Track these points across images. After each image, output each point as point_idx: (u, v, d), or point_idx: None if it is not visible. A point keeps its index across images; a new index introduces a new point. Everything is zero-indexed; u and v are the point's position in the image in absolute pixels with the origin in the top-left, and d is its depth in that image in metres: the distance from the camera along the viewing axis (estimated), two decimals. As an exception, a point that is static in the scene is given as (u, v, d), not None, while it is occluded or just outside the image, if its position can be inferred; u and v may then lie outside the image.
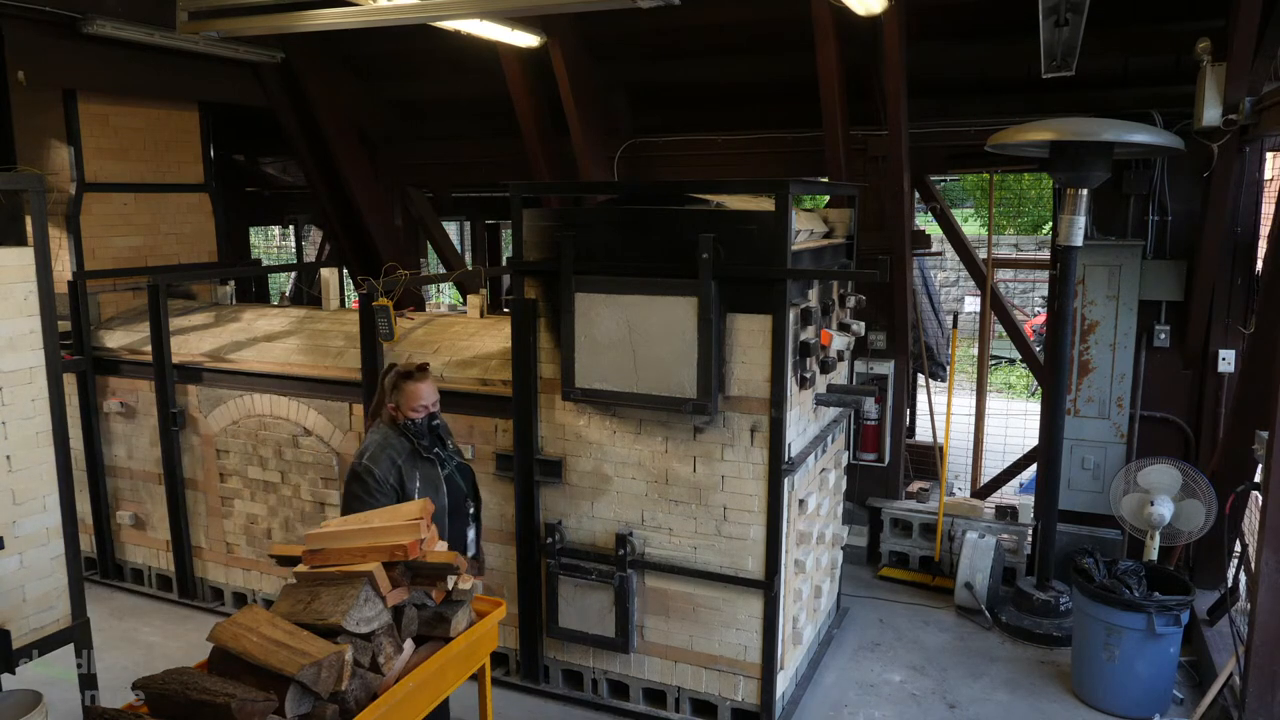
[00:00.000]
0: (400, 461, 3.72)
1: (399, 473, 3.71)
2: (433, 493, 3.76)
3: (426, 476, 3.78)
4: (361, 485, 3.67)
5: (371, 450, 3.72)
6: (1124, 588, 4.78)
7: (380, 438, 3.77)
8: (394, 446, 3.74)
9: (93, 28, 5.79)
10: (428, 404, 3.78)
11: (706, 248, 4.18)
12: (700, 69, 6.78)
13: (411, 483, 3.73)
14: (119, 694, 3.82)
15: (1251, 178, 5.59)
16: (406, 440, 3.76)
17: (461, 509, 3.90)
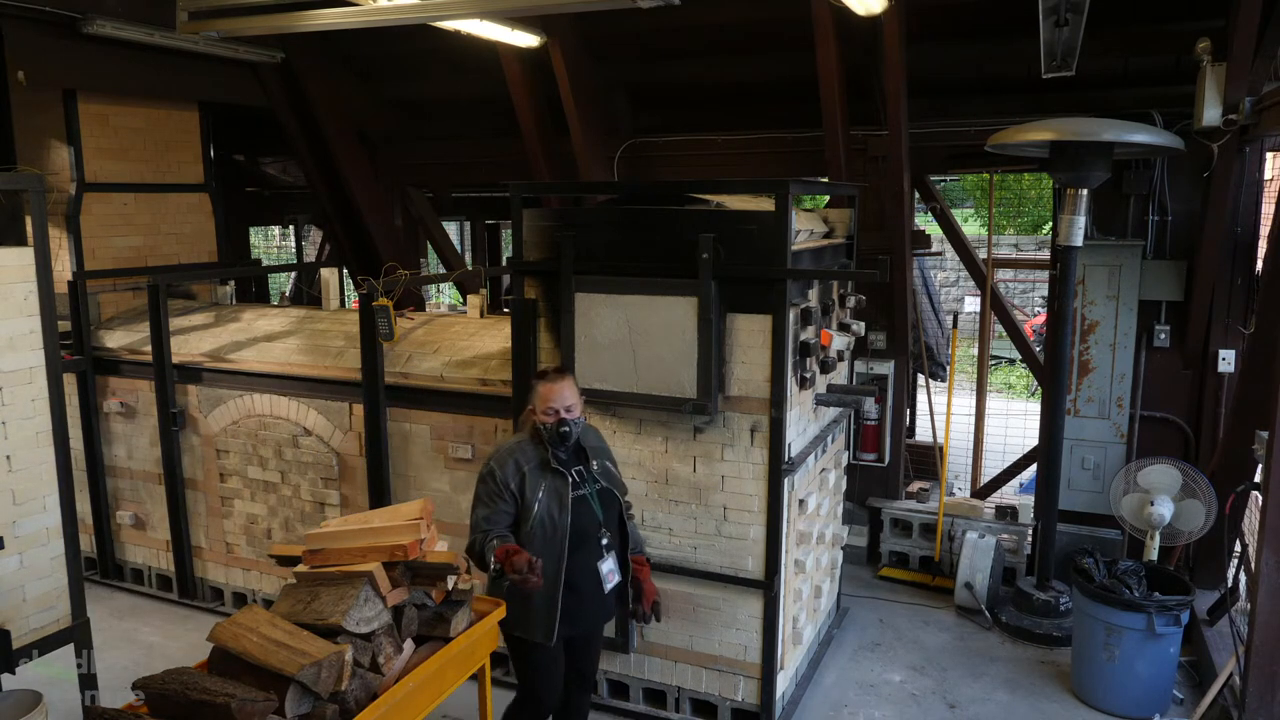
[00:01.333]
0: (526, 468, 3.56)
1: (521, 479, 3.55)
2: (556, 509, 3.56)
3: (554, 490, 3.57)
4: (483, 485, 3.58)
5: (501, 453, 3.62)
6: (1124, 588, 4.78)
7: (514, 442, 3.66)
8: (524, 452, 3.59)
9: (93, 28, 5.78)
10: (558, 407, 3.56)
11: (706, 248, 4.18)
12: (700, 69, 6.78)
13: (534, 494, 3.54)
14: (119, 694, 3.82)
15: (1251, 178, 5.59)
16: (542, 449, 3.60)
17: (591, 537, 3.63)
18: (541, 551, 3.48)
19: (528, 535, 3.54)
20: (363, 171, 8.09)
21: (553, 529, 3.55)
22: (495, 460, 3.60)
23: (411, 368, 5.25)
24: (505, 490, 3.54)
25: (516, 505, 3.56)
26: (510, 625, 3.66)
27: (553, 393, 3.58)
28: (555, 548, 3.55)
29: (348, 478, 5.49)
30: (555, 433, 3.57)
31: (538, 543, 3.52)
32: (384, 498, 5.29)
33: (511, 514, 3.56)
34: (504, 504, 3.54)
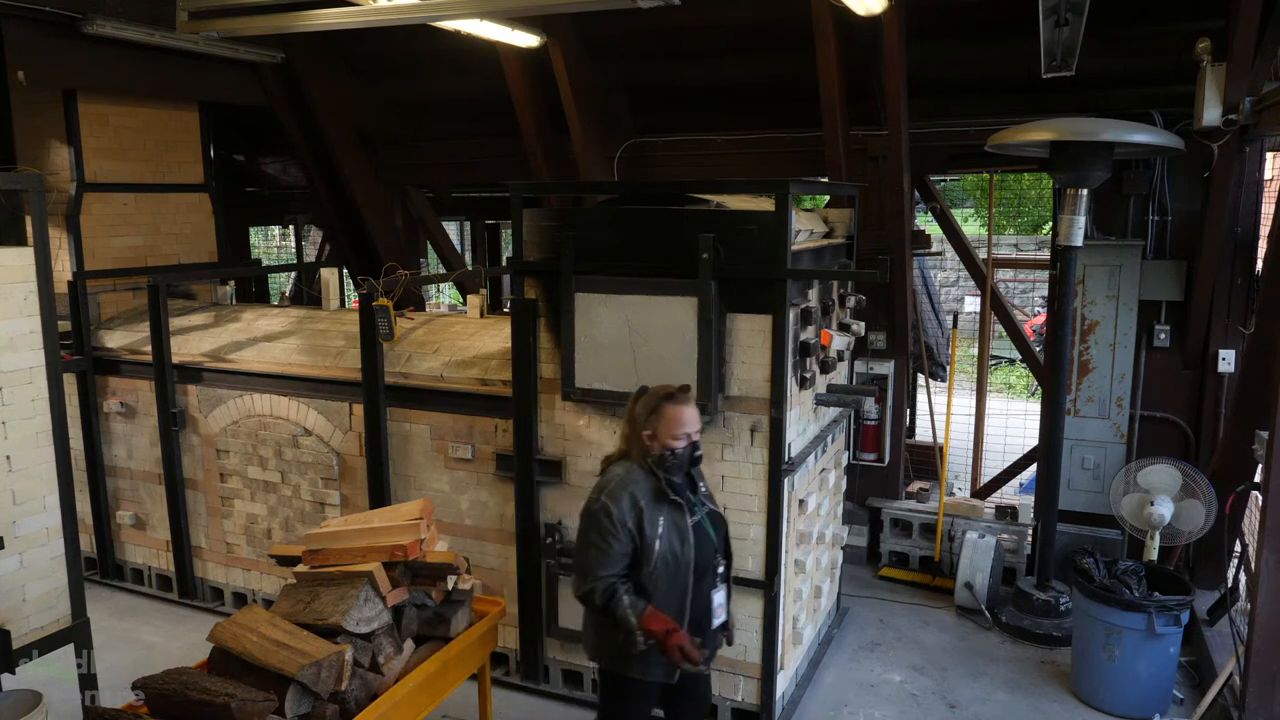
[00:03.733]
0: (643, 502, 3.23)
1: (639, 515, 3.22)
2: (678, 543, 3.28)
3: (672, 523, 3.28)
4: (596, 526, 3.23)
5: (612, 486, 3.26)
6: (1124, 588, 4.78)
7: (623, 472, 3.29)
8: (638, 484, 3.26)
9: (93, 28, 5.78)
10: (691, 431, 3.29)
11: (706, 248, 4.18)
12: (700, 69, 6.78)
13: (653, 529, 3.23)
14: (119, 694, 3.81)
15: (1251, 178, 5.58)
16: (653, 478, 3.28)
17: (710, 566, 3.36)
18: (666, 590, 3.26)
19: (650, 576, 3.24)
20: (363, 171, 8.09)
21: (676, 565, 3.27)
22: (607, 495, 3.25)
23: (411, 368, 5.25)
24: (622, 529, 3.21)
25: (634, 544, 3.23)
26: (620, 665, 3.34)
27: (684, 416, 3.28)
28: (680, 584, 3.29)
29: (348, 478, 5.49)
30: (689, 459, 3.31)
31: (661, 582, 3.26)
32: (384, 498, 5.29)
33: (629, 555, 3.24)
34: (620, 545, 3.21)
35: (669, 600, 3.25)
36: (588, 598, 3.24)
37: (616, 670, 3.37)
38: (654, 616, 3.16)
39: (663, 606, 3.22)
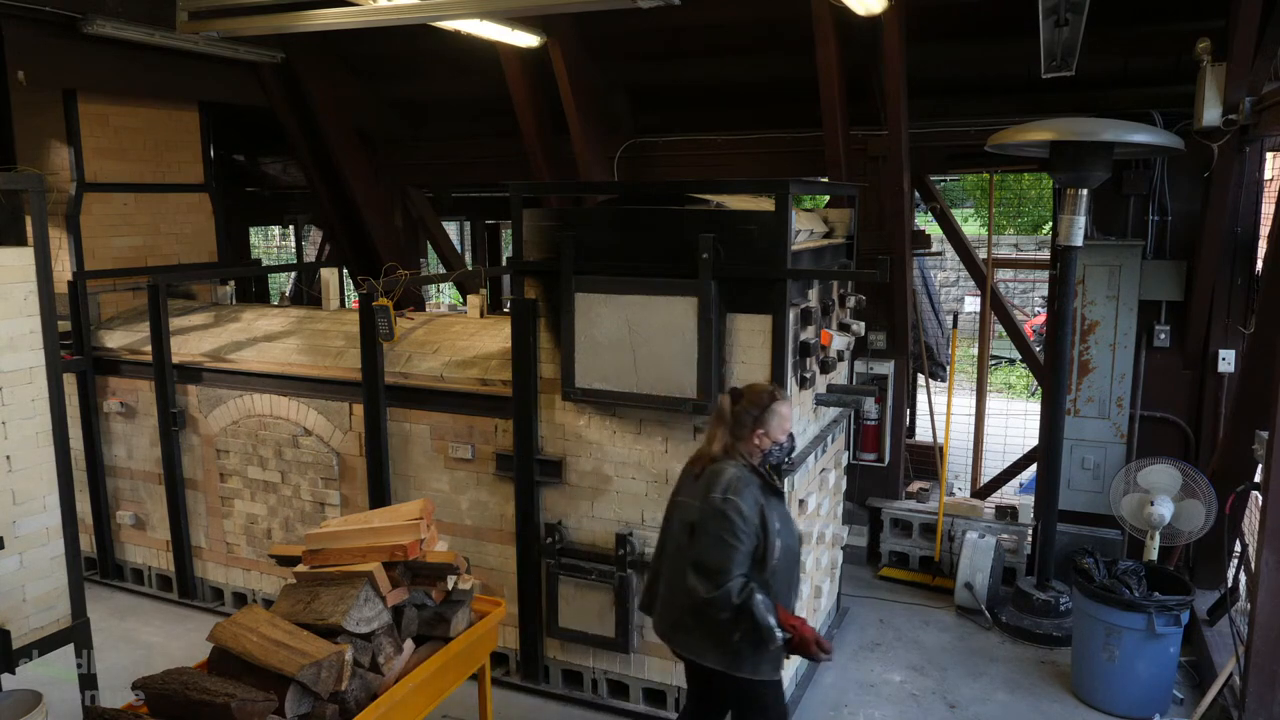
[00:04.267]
0: (760, 499, 3.28)
1: (761, 512, 3.26)
2: (789, 534, 3.35)
3: (784, 516, 3.36)
4: (727, 525, 3.20)
5: (733, 484, 3.25)
6: (1124, 588, 4.78)
7: (737, 471, 3.30)
8: (750, 481, 3.29)
9: (93, 28, 5.78)
10: (792, 429, 3.44)
11: (706, 248, 4.18)
12: (700, 69, 6.78)
13: (772, 523, 3.27)
14: (119, 694, 3.81)
15: (1251, 178, 5.59)
16: (758, 475, 3.34)
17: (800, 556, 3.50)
18: (784, 581, 3.32)
19: (773, 570, 3.27)
20: (363, 171, 8.09)
21: (791, 557, 3.36)
22: (732, 493, 3.23)
23: (411, 368, 5.25)
24: (752, 526, 3.22)
25: (758, 541, 3.25)
26: (753, 670, 3.33)
27: (790, 414, 3.41)
28: (794, 574, 3.39)
29: (348, 478, 5.49)
30: (787, 454, 3.43)
31: (780, 575, 3.31)
32: (384, 498, 5.29)
33: (751, 554, 3.26)
34: (749, 543, 3.22)
35: (786, 595, 3.29)
36: (723, 598, 3.18)
37: (762, 678, 3.35)
38: (783, 612, 3.22)
39: (782, 601, 3.26)
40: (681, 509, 3.44)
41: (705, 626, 3.31)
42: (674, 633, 3.45)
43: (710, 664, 3.34)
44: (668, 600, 3.46)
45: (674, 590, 3.40)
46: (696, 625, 3.34)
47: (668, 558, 3.50)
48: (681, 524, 3.41)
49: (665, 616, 3.50)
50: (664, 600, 3.49)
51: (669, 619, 3.47)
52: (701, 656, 3.36)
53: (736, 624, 3.22)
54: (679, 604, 3.38)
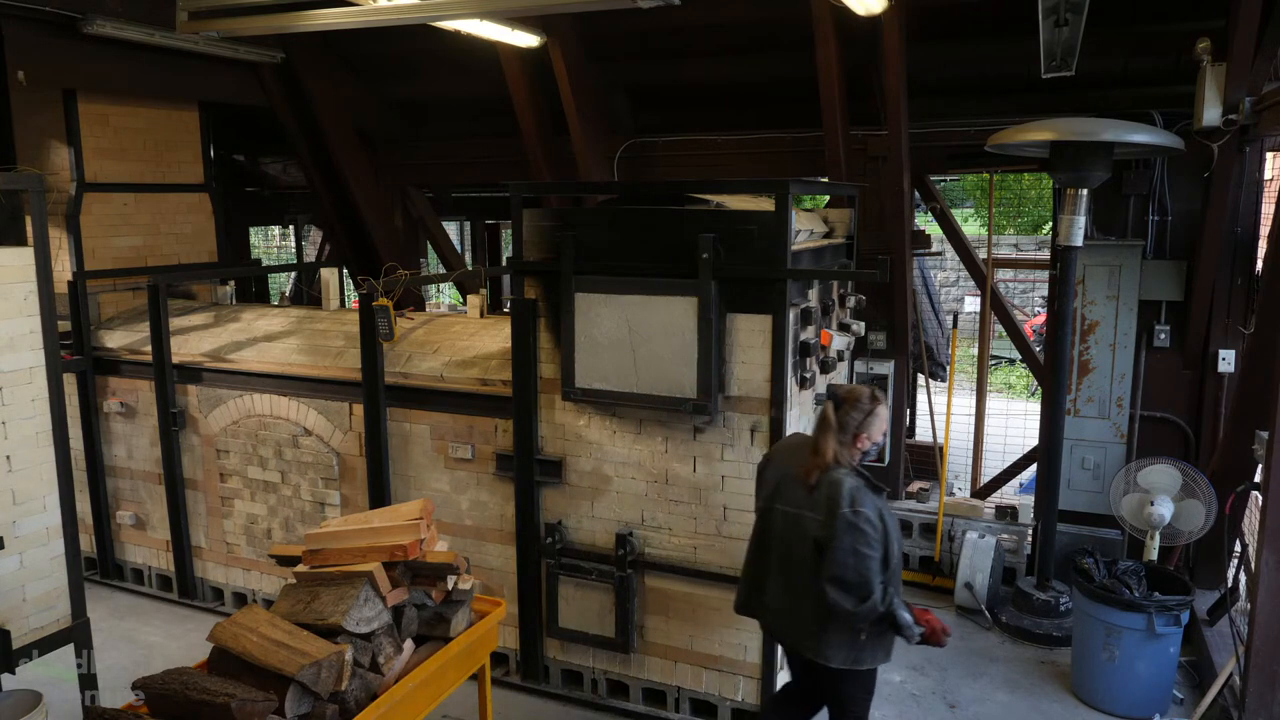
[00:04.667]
0: (876, 503, 3.34)
1: (880, 515, 3.32)
2: (897, 533, 3.42)
3: (889, 513, 3.40)
4: (863, 537, 3.25)
5: (856, 495, 3.30)
6: (1124, 588, 4.78)
7: (853, 480, 3.35)
8: (864, 487, 3.35)
9: (93, 28, 5.78)
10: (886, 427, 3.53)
11: (706, 248, 4.18)
12: (700, 69, 6.78)
13: (890, 525, 3.35)
14: (119, 694, 3.82)
15: (1251, 178, 5.58)
16: (862, 478, 3.39)
17: None
18: (898, 575, 3.44)
19: (893, 570, 3.36)
20: (363, 171, 8.09)
21: (900, 554, 3.46)
22: (861, 505, 3.29)
23: (411, 368, 5.25)
24: (880, 534, 3.29)
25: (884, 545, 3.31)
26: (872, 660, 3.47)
27: (886, 414, 3.49)
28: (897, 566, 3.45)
29: (348, 478, 5.49)
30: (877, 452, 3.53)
31: (897, 572, 3.41)
32: (384, 498, 5.29)
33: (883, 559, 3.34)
34: (879, 551, 3.28)
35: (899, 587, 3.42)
36: (869, 610, 3.26)
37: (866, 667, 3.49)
38: (915, 609, 3.39)
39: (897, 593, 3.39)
40: (799, 522, 3.45)
41: (833, 632, 3.39)
42: (801, 639, 3.50)
43: (837, 664, 3.43)
44: (790, 611, 3.52)
45: (799, 601, 3.46)
46: (823, 631, 3.41)
47: (785, 566, 3.52)
48: (801, 537, 3.43)
49: (788, 627, 3.56)
50: (784, 611, 3.55)
51: (795, 629, 3.53)
52: (829, 660, 3.43)
53: (873, 626, 3.34)
54: (806, 614, 3.43)
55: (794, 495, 3.49)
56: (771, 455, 3.81)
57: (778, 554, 3.55)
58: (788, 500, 3.52)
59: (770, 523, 3.59)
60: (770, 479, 3.66)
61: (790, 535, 3.49)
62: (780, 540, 3.54)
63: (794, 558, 3.47)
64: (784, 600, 3.53)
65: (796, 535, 3.45)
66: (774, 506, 3.58)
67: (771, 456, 3.80)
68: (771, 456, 3.80)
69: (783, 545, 3.53)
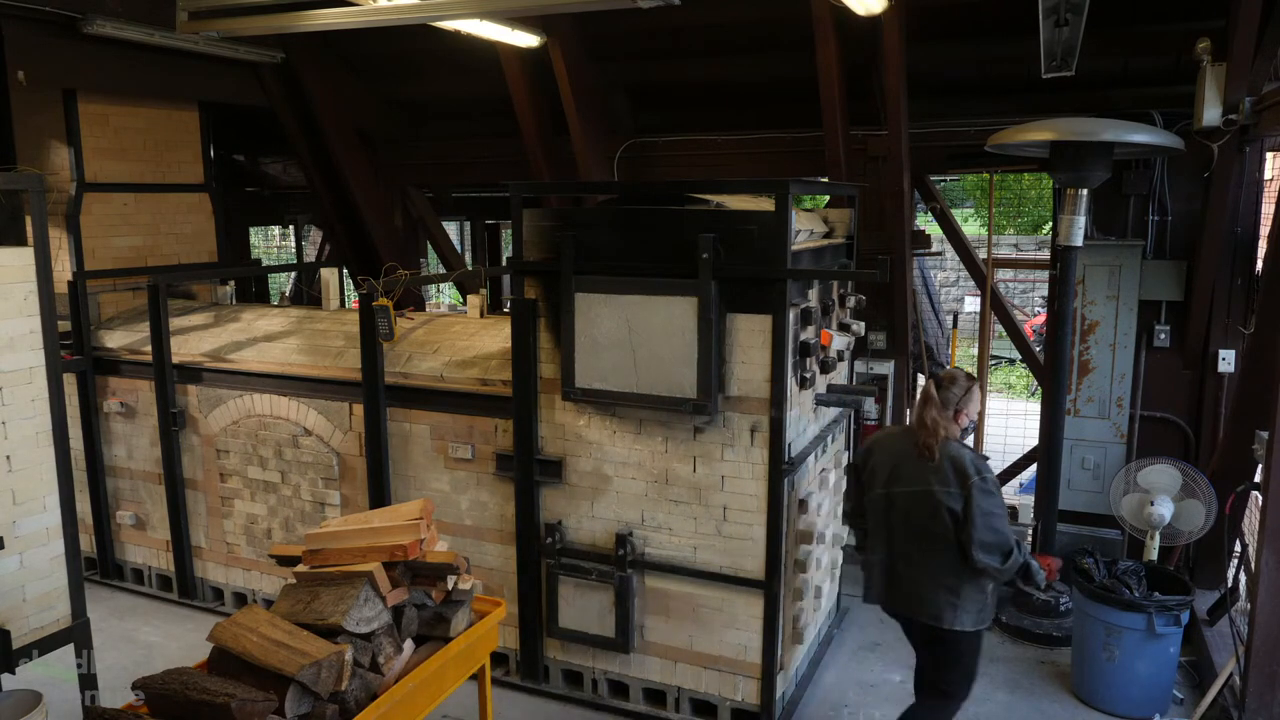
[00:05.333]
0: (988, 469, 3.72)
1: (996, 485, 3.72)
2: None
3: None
4: (996, 501, 3.65)
5: (977, 463, 3.68)
6: (1124, 588, 4.78)
7: (968, 451, 3.75)
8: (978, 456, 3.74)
9: (93, 28, 5.78)
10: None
11: (706, 248, 4.18)
12: (700, 69, 6.78)
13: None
14: (119, 694, 3.82)
15: (1251, 178, 5.59)
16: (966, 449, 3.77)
17: None
18: None
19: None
20: (363, 171, 8.09)
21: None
22: (982, 469, 3.68)
23: (411, 368, 5.25)
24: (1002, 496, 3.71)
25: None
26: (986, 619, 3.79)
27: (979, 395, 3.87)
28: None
29: (348, 478, 5.49)
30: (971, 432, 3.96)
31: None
32: (384, 498, 5.29)
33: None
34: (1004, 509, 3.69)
35: None
36: (1013, 566, 3.64)
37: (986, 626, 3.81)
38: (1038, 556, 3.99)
39: None
40: (929, 497, 3.70)
41: (966, 598, 3.70)
42: (939, 611, 3.73)
43: (970, 627, 3.73)
44: (926, 585, 3.76)
45: (935, 574, 3.73)
46: (958, 599, 3.70)
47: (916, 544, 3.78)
48: (933, 512, 3.69)
49: (923, 603, 3.78)
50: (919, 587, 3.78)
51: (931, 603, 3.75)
52: (964, 625, 3.72)
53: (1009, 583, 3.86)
54: (942, 585, 3.71)
55: (916, 474, 3.76)
56: (872, 446, 4.06)
57: (904, 535, 3.81)
58: (909, 481, 3.78)
59: (893, 507, 3.85)
60: (880, 467, 3.92)
61: (919, 512, 3.74)
62: (906, 521, 3.80)
63: (926, 533, 3.73)
64: (919, 576, 3.78)
65: (927, 511, 3.71)
66: (893, 491, 3.84)
67: (873, 448, 4.05)
68: (873, 448, 4.05)
69: (911, 524, 3.78)
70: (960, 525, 3.62)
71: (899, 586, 3.85)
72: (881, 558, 3.90)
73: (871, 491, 3.96)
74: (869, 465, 4.00)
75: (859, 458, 4.15)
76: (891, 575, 3.87)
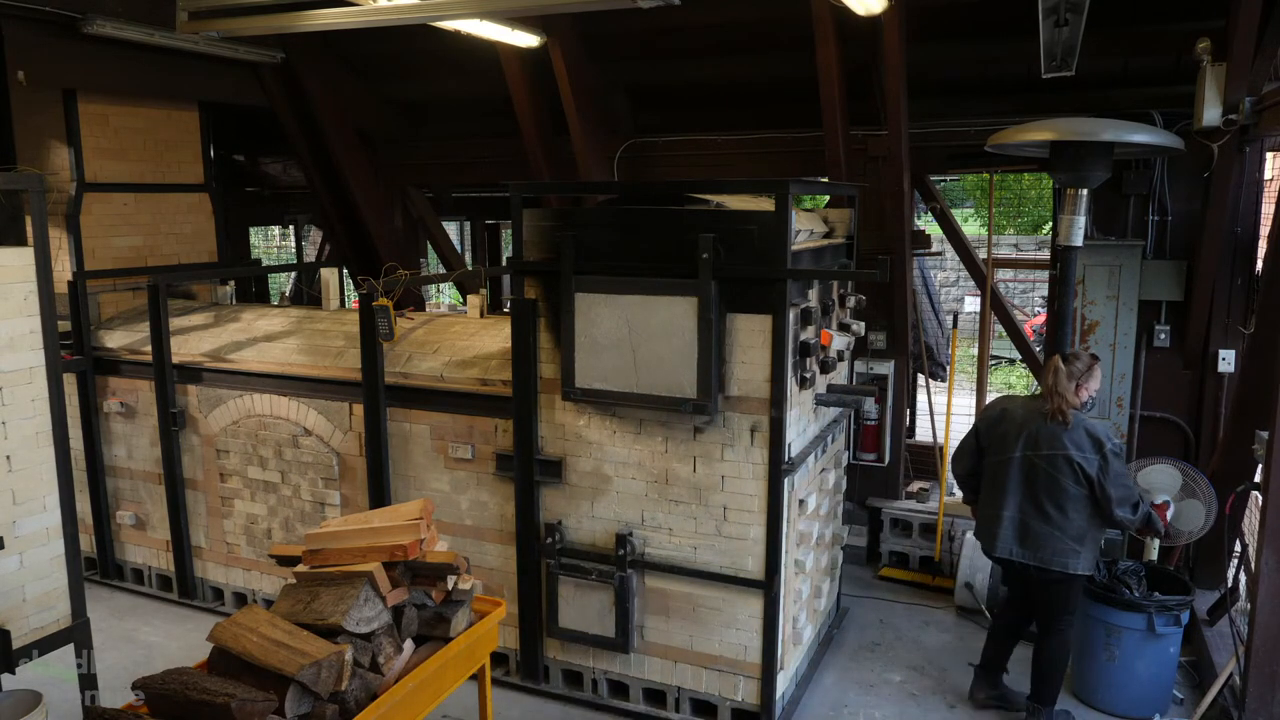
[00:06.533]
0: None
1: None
2: None
3: None
4: (1123, 463, 4.26)
5: (1107, 432, 4.27)
6: (1124, 588, 4.78)
7: (1096, 421, 4.35)
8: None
9: (93, 28, 5.78)
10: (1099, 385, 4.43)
11: (706, 248, 4.18)
12: (700, 69, 6.78)
13: None
14: (119, 694, 3.82)
15: (1251, 178, 5.58)
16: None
17: None
18: None
19: None
20: (363, 171, 8.09)
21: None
22: (1110, 435, 4.28)
23: (411, 368, 5.25)
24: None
25: None
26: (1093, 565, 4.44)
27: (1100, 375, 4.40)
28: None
29: (348, 478, 5.49)
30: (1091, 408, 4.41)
31: None
32: (384, 498, 5.29)
33: None
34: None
35: None
36: (1143, 514, 4.33)
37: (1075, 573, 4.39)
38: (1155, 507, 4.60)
39: None
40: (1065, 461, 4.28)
41: (1086, 546, 4.34)
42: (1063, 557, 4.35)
43: (1084, 570, 4.38)
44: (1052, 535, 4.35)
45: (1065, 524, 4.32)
46: (1081, 546, 4.33)
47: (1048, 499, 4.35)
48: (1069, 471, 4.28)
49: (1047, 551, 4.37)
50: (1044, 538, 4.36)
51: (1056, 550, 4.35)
52: (1079, 569, 4.36)
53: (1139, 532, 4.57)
54: (1070, 534, 4.32)
55: (1049, 439, 4.33)
56: (998, 416, 4.58)
57: (1040, 493, 4.36)
58: (1047, 445, 4.33)
59: (1032, 469, 4.38)
60: (1010, 433, 4.46)
61: (1052, 472, 4.31)
62: (1040, 481, 4.36)
63: (1061, 491, 4.30)
64: (1045, 529, 4.35)
65: (1063, 472, 4.29)
66: (1029, 454, 4.39)
67: (1001, 416, 4.56)
68: (1001, 416, 4.56)
69: (1047, 484, 4.33)
70: (1095, 485, 4.23)
71: (1029, 538, 4.39)
72: (1012, 514, 4.44)
73: (1003, 454, 4.48)
74: (998, 431, 4.53)
75: (983, 423, 4.68)
76: (1023, 529, 4.41)
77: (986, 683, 4.90)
